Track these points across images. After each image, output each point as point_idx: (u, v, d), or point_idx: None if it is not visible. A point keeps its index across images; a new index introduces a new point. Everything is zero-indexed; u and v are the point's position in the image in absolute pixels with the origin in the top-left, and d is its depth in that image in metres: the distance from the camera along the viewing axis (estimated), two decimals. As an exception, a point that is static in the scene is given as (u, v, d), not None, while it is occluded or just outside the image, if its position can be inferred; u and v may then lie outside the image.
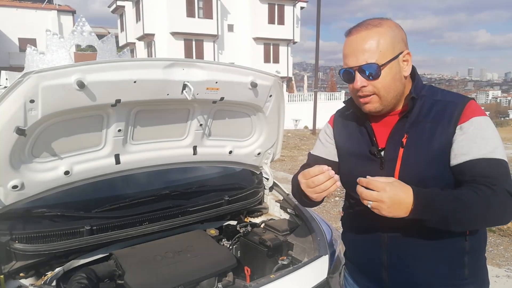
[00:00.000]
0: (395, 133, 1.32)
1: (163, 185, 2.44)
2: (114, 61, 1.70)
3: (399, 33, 1.28)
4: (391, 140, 1.33)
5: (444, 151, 1.25)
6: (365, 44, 1.25)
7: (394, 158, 1.31)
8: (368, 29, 1.26)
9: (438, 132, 1.26)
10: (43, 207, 1.91)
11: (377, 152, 1.36)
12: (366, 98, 1.30)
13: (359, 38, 1.26)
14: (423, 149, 1.26)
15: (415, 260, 1.32)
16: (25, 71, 1.50)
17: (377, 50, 1.24)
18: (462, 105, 1.25)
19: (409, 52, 1.29)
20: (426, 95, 1.32)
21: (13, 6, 30.89)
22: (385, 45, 1.24)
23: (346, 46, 1.30)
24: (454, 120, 1.24)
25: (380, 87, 1.27)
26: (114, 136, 1.90)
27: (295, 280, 1.73)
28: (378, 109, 1.32)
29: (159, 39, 28.89)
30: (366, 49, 1.25)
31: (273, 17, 31.99)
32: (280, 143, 2.53)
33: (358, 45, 1.26)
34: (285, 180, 7.84)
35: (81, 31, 2.57)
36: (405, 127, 1.30)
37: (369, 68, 1.25)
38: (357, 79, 1.28)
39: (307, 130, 19.60)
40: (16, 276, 1.77)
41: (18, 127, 1.53)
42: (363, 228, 1.44)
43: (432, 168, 1.25)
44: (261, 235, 2.17)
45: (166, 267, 1.80)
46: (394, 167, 1.30)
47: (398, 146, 1.30)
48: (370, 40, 1.25)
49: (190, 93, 1.84)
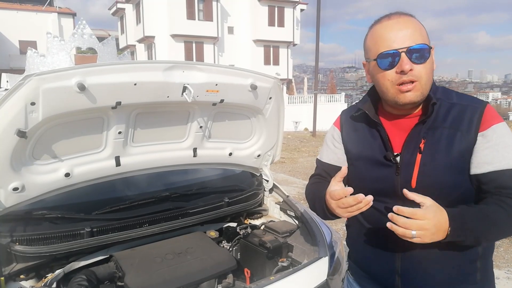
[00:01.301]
0: (412, 138, 1.27)
1: (163, 187, 2.44)
2: (115, 64, 1.71)
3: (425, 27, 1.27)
4: (408, 145, 1.28)
5: (464, 158, 1.21)
6: (409, 27, 1.20)
7: (411, 164, 1.26)
8: (406, 17, 1.23)
9: (457, 138, 1.22)
10: (43, 209, 1.92)
11: (393, 157, 1.30)
12: (409, 84, 1.21)
13: (401, 21, 1.22)
14: (441, 155, 1.22)
15: (429, 266, 1.30)
16: (26, 74, 1.51)
17: (424, 34, 1.22)
18: (481, 111, 1.22)
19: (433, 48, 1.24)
20: (442, 98, 1.27)
21: (14, 8, 30.93)
22: (424, 32, 1.23)
23: (385, 29, 1.23)
24: (474, 126, 1.21)
25: (423, 74, 1.21)
26: (114, 138, 1.90)
27: (295, 282, 1.73)
28: (419, 98, 1.24)
29: (159, 42, 28.93)
30: (414, 32, 1.20)
31: (273, 19, 32.04)
32: (280, 145, 2.54)
33: (405, 27, 1.20)
34: (285, 182, 7.85)
35: (82, 34, 2.59)
36: (422, 132, 1.26)
37: (420, 50, 1.19)
38: (405, 61, 1.19)
39: (307, 132, 19.61)
40: (17, 278, 1.77)
41: (19, 129, 1.53)
42: (374, 234, 1.40)
43: (450, 175, 1.22)
44: (261, 237, 2.17)
45: (166, 269, 1.81)
46: (411, 173, 1.26)
47: (415, 152, 1.26)
48: (414, 24, 1.22)
49: (190, 95, 1.85)
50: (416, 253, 1.30)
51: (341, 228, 5.20)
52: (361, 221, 1.46)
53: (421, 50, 1.20)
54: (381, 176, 1.32)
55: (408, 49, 1.19)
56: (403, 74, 1.20)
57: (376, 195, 1.32)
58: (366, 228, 1.44)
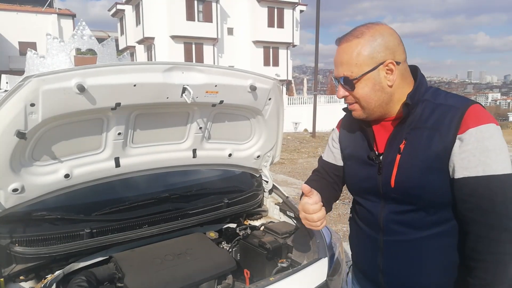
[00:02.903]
0: (394, 139, 1.32)
1: (163, 188, 2.44)
2: (114, 65, 1.71)
3: (385, 41, 1.25)
4: (389, 146, 1.33)
5: (441, 160, 1.21)
6: (343, 57, 1.28)
7: (391, 164, 1.30)
8: (348, 41, 1.27)
9: (435, 139, 1.22)
10: (43, 210, 1.92)
11: (375, 157, 1.36)
12: (351, 105, 1.36)
13: (340, 50, 1.30)
14: (419, 156, 1.24)
15: (409, 265, 1.33)
16: (26, 75, 1.51)
17: (353, 63, 1.26)
18: (463, 112, 1.20)
19: (392, 62, 1.24)
20: (428, 100, 1.28)
21: (14, 10, 30.97)
22: (362, 57, 1.25)
23: (334, 56, 1.34)
24: (453, 128, 1.20)
25: (359, 98, 1.30)
26: (114, 139, 1.90)
27: (294, 283, 1.73)
28: (362, 117, 1.35)
29: (159, 43, 28.96)
30: (343, 62, 1.28)
31: (273, 21, 32.10)
32: (280, 146, 2.54)
33: (338, 57, 1.30)
34: (284, 183, 7.85)
35: (81, 35, 2.59)
36: (404, 133, 1.29)
37: (344, 81, 1.30)
38: (339, 89, 1.34)
39: (306, 133, 19.61)
40: (16, 279, 1.77)
41: (19, 131, 1.53)
42: (364, 231, 1.47)
43: (427, 176, 1.23)
44: (260, 237, 2.17)
45: (166, 270, 1.81)
46: (391, 173, 1.30)
47: (395, 152, 1.30)
48: (347, 52, 1.27)
49: (190, 97, 1.85)
50: (395, 251, 1.35)
51: (340, 229, 5.20)
52: (355, 219, 1.54)
53: (345, 81, 1.29)
54: (367, 175, 1.39)
55: (339, 79, 1.31)
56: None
57: (363, 193, 1.45)
58: (357, 226, 1.53)
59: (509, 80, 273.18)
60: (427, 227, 1.28)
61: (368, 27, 1.27)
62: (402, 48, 1.28)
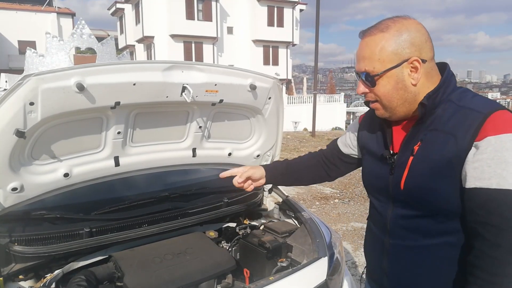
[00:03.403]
0: (410, 139, 1.26)
1: (163, 187, 2.44)
2: (114, 64, 1.70)
3: (411, 37, 1.18)
4: (404, 146, 1.28)
5: (453, 166, 1.14)
6: (365, 51, 1.22)
7: (403, 165, 1.25)
8: (372, 35, 1.21)
9: (450, 144, 1.14)
10: (42, 209, 1.91)
11: (389, 156, 1.32)
12: (372, 104, 1.30)
13: (362, 43, 1.24)
14: (431, 159, 1.18)
15: (413, 271, 1.30)
16: (25, 74, 1.51)
17: (376, 58, 1.20)
18: (485, 117, 1.10)
19: (418, 59, 1.17)
20: (452, 101, 1.20)
21: (13, 8, 30.93)
22: (386, 52, 1.18)
23: (357, 50, 1.27)
24: (470, 134, 1.10)
25: (380, 95, 1.24)
26: (113, 138, 1.90)
27: (294, 282, 1.73)
28: (385, 116, 1.29)
29: (158, 42, 28.94)
30: (365, 57, 1.22)
31: (273, 20, 32.08)
32: (279, 145, 2.54)
33: (360, 51, 1.24)
34: (284, 182, 7.83)
35: (81, 34, 2.58)
36: (421, 134, 1.23)
37: (366, 76, 1.24)
38: (359, 85, 1.28)
39: (306, 132, 19.61)
40: (16, 278, 1.77)
41: (18, 130, 1.53)
42: (373, 232, 1.45)
43: (437, 182, 1.16)
44: (260, 237, 2.17)
45: (165, 269, 1.80)
46: (402, 174, 1.26)
47: (409, 153, 1.25)
48: (371, 47, 1.20)
49: (189, 96, 1.84)
50: (400, 253, 1.32)
51: (340, 228, 5.20)
52: (369, 218, 1.52)
53: (366, 77, 1.24)
54: (379, 173, 1.36)
55: (360, 74, 1.26)
56: None
57: (375, 191, 1.42)
58: (369, 225, 1.51)
59: (509, 79, 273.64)
60: (433, 235, 1.23)
61: (394, 21, 1.20)
62: (429, 45, 1.21)
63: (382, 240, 1.37)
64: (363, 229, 5.20)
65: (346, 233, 5.09)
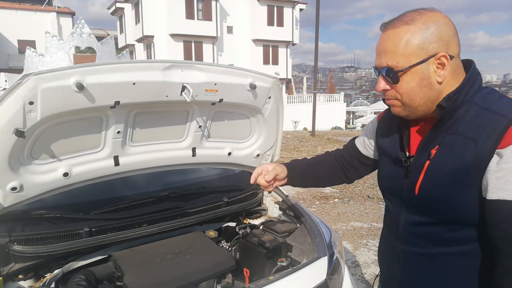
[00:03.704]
0: (427, 142, 1.18)
1: (162, 186, 2.44)
2: (113, 63, 1.70)
3: (439, 31, 1.08)
4: (421, 149, 1.20)
5: (471, 174, 1.06)
6: (388, 44, 1.13)
7: (419, 169, 1.17)
8: (396, 27, 1.11)
9: (470, 149, 1.06)
10: (42, 209, 1.91)
11: (405, 159, 1.24)
12: (390, 101, 1.20)
13: (384, 37, 1.14)
14: (448, 165, 1.10)
15: (424, 280, 1.24)
16: (24, 73, 1.50)
17: (400, 53, 1.10)
18: (509, 122, 1.01)
19: (445, 55, 1.08)
20: (475, 102, 1.11)
21: (13, 8, 30.90)
22: (411, 46, 1.09)
23: (378, 42, 1.18)
24: (493, 140, 1.02)
25: (402, 93, 1.14)
26: (113, 137, 1.90)
27: (294, 282, 1.73)
28: (402, 114, 1.20)
29: (158, 41, 28.93)
30: (388, 51, 1.13)
31: (272, 19, 32.06)
32: (279, 145, 2.53)
33: (381, 45, 1.15)
34: (284, 182, 7.83)
35: (80, 33, 2.58)
36: (440, 137, 1.14)
37: (387, 72, 1.14)
38: (379, 81, 1.18)
39: (306, 132, 19.61)
40: (15, 278, 1.77)
41: (17, 129, 1.53)
42: (385, 236, 1.41)
43: (454, 190, 1.09)
44: (260, 236, 2.17)
45: (165, 269, 1.80)
46: (417, 179, 1.18)
47: (426, 157, 1.17)
48: (394, 40, 1.11)
49: (189, 95, 1.84)
50: (412, 261, 1.27)
51: (340, 228, 5.20)
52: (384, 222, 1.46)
53: (388, 72, 1.14)
54: (394, 175, 1.29)
55: (381, 69, 1.16)
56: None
57: (389, 194, 1.36)
58: (383, 229, 1.45)
59: (509, 79, 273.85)
60: (447, 244, 1.17)
61: (421, 13, 1.10)
62: (457, 40, 1.12)
63: (394, 245, 1.32)
64: (363, 228, 5.21)
65: (346, 232, 5.09)
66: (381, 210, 6.08)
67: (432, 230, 1.18)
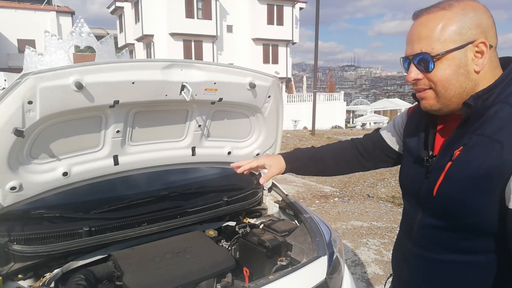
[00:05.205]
0: (452, 142, 1.11)
1: (162, 186, 2.44)
2: (113, 62, 1.70)
3: (478, 18, 1.02)
4: (445, 149, 1.13)
5: (493, 180, 0.98)
6: (423, 30, 1.06)
7: (440, 170, 1.11)
8: (431, 13, 1.05)
9: (494, 153, 0.98)
10: (41, 208, 1.91)
11: (427, 158, 1.18)
12: (422, 92, 1.11)
13: (417, 24, 1.08)
14: (470, 168, 1.02)
15: (433, 283, 1.19)
16: (24, 72, 1.50)
17: (435, 38, 1.03)
18: None
19: (484, 42, 1.01)
20: (509, 103, 1.03)
21: (12, 7, 30.88)
22: (448, 31, 1.02)
23: (409, 31, 1.12)
24: None
25: (437, 81, 1.06)
26: (112, 137, 1.89)
27: (294, 281, 1.73)
28: (435, 108, 1.11)
29: (158, 40, 28.91)
30: (422, 37, 1.05)
31: (272, 18, 32.03)
32: (279, 144, 2.53)
33: (416, 32, 1.08)
34: (284, 181, 7.84)
35: (80, 32, 2.57)
36: (465, 138, 1.07)
37: (421, 59, 1.06)
38: (410, 70, 1.10)
39: (306, 131, 19.61)
40: (15, 277, 1.77)
41: (16, 129, 1.52)
42: (400, 237, 1.37)
43: (474, 195, 1.02)
44: (260, 236, 2.17)
45: (165, 268, 1.80)
46: (436, 180, 1.11)
47: (448, 158, 1.09)
48: (429, 25, 1.04)
49: (189, 94, 1.84)
50: (421, 266, 1.22)
51: (339, 227, 5.20)
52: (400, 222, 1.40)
53: (423, 58, 1.06)
54: (414, 175, 1.24)
55: (413, 57, 1.08)
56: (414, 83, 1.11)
57: (407, 194, 1.31)
58: (399, 229, 1.40)
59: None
60: (460, 252, 1.10)
61: (458, 0, 1.04)
62: (495, 31, 1.06)
63: (406, 246, 1.27)
64: (363, 227, 5.21)
65: (346, 231, 5.09)
66: (381, 209, 6.08)
67: (446, 236, 1.12)
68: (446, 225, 1.11)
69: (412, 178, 1.25)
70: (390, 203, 6.35)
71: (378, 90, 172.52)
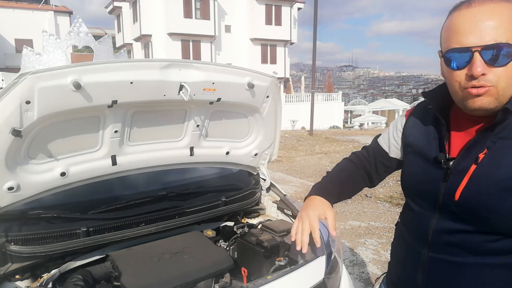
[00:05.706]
0: (474, 145, 1.07)
1: (160, 186, 2.43)
2: (111, 62, 1.69)
3: None
4: (466, 152, 1.09)
5: None
6: (494, 18, 0.95)
7: (463, 173, 1.07)
8: (494, 2, 0.97)
9: None
10: (39, 208, 1.90)
11: (445, 161, 1.13)
12: (481, 88, 1.00)
13: (483, 10, 0.96)
14: (499, 172, 1.00)
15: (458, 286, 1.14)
16: (21, 72, 1.50)
17: (509, 28, 0.95)
18: None
19: None
20: None
21: (10, 6, 30.81)
22: None
23: (462, 19, 1.00)
24: None
25: (505, 77, 0.97)
26: (110, 137, 1.89)
27: (292, 281, 1.73)
28: (492, 106, 1.02)
29: (156, 40, 28.88)
30: (494, 25, 0.95)
31: (270, 18, 32.05)
32: (277, 144, 2.53)
33: (486, 18, 0.96)
34: (282, 181, 7.85)
35: (78, 32, 2.57)
36: (488, 141, 1.04)
37: (498, 50, 0.95)
38: (477, 64, 0.97)
39: (304, 131, 19.63)
40: (12, 278, 1.76)
41: (14, 129, 1.52)
42: (406, 241, 1.30)
43: (503, 199, 0.99)
44: (258, 236, 2.17)
45: (163, 269, 1.80)
46: (458, 183, 1.07)
47: (471, 161, 1.06)
48: (499, 14, 0.95)
49: (187, 94, 1.84)
50: (441, 271, 1.17)
51: (338, 227, 5.21)
52: (402, 225, 1.37)
53: (500, 50, 0.95)
54: (429, 178, 1.18)
55: (484, 48, 0.97)
56: (473, 78, 0.99)
57: (418, 198, 1.25)
58: (401, 233, 1.36)
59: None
60: (485, 253, 1.07)
61: None
62: None
63: (418, 251, 1.21)
64: (361, 227, 5.22)
65: (344, 231, 5.10)
66: (378, 209, 6.09)
67: (470, 238, 1.09)
68: (470, 228, 1.08)
69: (425, 181, 1.20)
70: (388, 203, 6.36)
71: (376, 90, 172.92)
